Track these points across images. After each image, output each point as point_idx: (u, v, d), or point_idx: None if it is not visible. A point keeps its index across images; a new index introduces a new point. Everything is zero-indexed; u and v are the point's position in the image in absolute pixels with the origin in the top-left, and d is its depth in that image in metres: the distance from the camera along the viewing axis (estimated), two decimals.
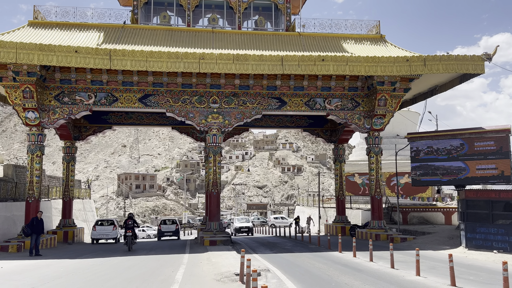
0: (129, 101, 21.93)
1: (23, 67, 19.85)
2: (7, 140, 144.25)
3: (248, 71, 20.89)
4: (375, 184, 23.35)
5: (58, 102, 21.43)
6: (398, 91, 22.98)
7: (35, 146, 21.05)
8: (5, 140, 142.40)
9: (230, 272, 11.39)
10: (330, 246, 19.06)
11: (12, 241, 19.24)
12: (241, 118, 22.65)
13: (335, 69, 21.26)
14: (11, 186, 24.13)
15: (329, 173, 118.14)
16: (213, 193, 22.32)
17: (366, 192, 35.35)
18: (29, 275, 11.94)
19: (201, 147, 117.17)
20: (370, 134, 23.59)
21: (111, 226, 26.64)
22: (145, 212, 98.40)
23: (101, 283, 10.56)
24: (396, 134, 38.43)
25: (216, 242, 20.47)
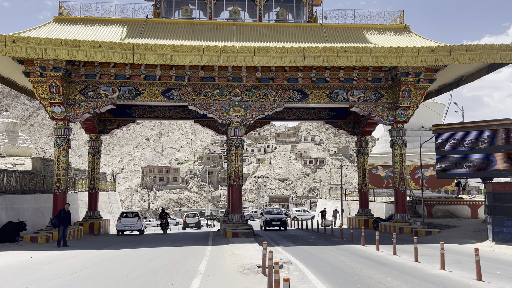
0: (152, 95, 22.18)
1: (49, 62, 20.27)
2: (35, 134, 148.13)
3: (269, 63, 20.81)
4: (399, 176, 23.04)
5: (83, 96, 21.83)
6: (422, 82, 22.54)
7: (61, 139, 21.54)
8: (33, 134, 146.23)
9: (253, 264, 11.45)
10: (352, 239, 18.95)
11: (41, 232, 19.81)
12: (263, 111, 22.63)
13: (358, 60, 20.98)
14: (39, 178, 24.79)
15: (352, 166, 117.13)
16: (235, 186, 22.43)
17: (389, 185, 34.91)
18: (57, 265, 12.29)
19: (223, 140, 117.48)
20: (394, 126, 23.25)
21: (135, 218, 27.10)
22: (168, 204, 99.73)
23: (126, 273, 10.78)
24: (421, 126, 37.76)
25: (238, 234, 20.60)
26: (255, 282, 9.45)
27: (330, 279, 9.95)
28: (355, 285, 9.27)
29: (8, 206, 19.87)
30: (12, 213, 19.91)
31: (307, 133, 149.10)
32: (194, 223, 37.85)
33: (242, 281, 9.66)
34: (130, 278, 9.98)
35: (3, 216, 19.13)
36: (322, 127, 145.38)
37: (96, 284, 9.41)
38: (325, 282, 9.47)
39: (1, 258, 14.02)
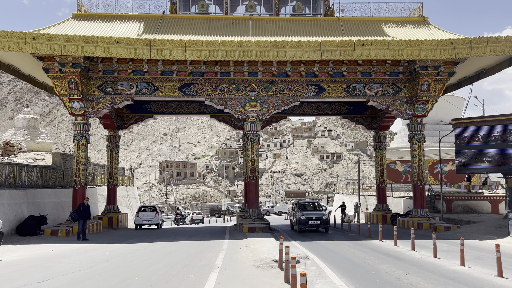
0: (169, 90, 22.31)
1: (68, 59, 20.54)
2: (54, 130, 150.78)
3: (285, 58, 20.71)
4: (417, 171, 22.76)
5: (102, 92, 22.09)
6: (442, 76, 22.16)
7: (80, 135, 21.85)
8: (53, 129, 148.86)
9: (269, 259, 11.46)
10: (370, 235, 18.82)
11: (61, 226, 20.17)
12: (279, 105, 22.56)
13: (376, 53, 20.72)
14: (59, 173, 25.23)
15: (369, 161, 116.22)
16: (251, 181, 22.46)
17: (408, 180, 34.55)
18: (77, 258, 12.50)
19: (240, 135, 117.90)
20: (412, 120, 22.94)
21: (153, 212, 27.39)
22: (186, 198, 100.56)
23: (144, 267, 10.91)
24: (440, 120, 37.19)
25: (255, 229, 20.65)
26: (271, 277, 9.46)
27: (347, 274, 9.90)
28: (372, 280, 9.21)
29: (30, 200, 20.29)
30: (33, 207, 20.33)
31: (323, 128, 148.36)
32: (199, 219, 47.45)
33: (259, 275, 9.68)
34: (149, 272, 10.10)
35: (25, 210, 19.54)
36: (339, 121, 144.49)
37: (115, 277, 9.55)
38: (342, 278, 9.43)
39: (23, 251, 14.35)
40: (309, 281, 8.57)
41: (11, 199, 18.69)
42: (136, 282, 8.92)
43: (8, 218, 17.98)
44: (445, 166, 33.27)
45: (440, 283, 8.88)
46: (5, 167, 19.74)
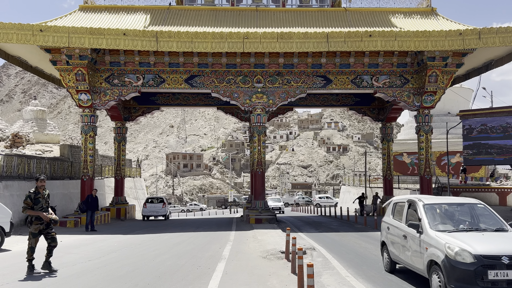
0: (175, 82, 22.32)
1: (75, 51, 20.60)
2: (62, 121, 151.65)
3: (292, 49, 20.61)
4: (424, 163, 22.67)
5: (109, 84, 22.15)
6: (450, 67, 21.97)
7: (88, 126, 21.97)
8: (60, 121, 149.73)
9: (276, 250, 11.52)
10: (376, 226, 18.82)
11: (70, 217, 20.38)
12: (285, 97, 22.51)
13: (383, 44, 20.58)
14: (67, 165, 25.42)
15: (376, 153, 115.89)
16: (258, 172, 22.50)
17: (415, 172, 34.44)
18: (86, 249, 12.64)
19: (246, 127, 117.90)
20: (420, 112, 22.81)
21: (160, 203, 27.54)
22: (192, 190, 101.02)
23: (152, 257, 11.00)
24: (448, 112, 36.96)
25: (261, 220, 20.73)
26: (278, 268, 9.51)
27: (353, 265, 9.93)
28: (379, 271, 9.23)
29: None
30: None
31: (330, 120, 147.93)
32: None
33: (265, 266, 9.74)
34: (156, 262, 10.19)
35: None
36: (345, 113, 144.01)
37: (124, 267, 9.65)
38: (348, 269, 9.46)
39: None
40: (316, 272, 8.61)
41: (20, 191, 18.88)
42: (144, 272, 9.00)
43: (18, 209, 18.17)
44: (453, 158, 33.11)
45: None
46: (14, 158, 19.92)
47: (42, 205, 8.47)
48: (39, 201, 8.45)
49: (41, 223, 8.46)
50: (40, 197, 8.48)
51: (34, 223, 8.44)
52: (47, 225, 8.57)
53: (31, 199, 8.39)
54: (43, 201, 8.51)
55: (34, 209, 8.42)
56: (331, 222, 23.74)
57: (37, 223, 8.44)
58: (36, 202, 8.42)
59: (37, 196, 8.46)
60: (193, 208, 64.56)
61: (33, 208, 8.42)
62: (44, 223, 8.49)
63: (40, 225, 8.46)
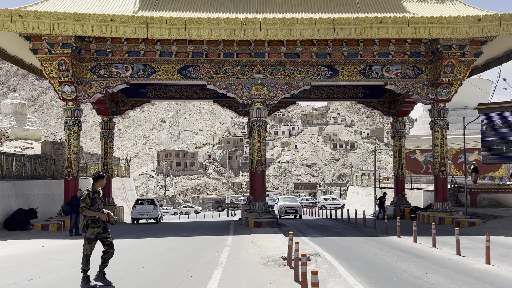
0: (167, 73, 22.30)
1: (58, 38, 20.55)
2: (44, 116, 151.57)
3: (295, 37, 20.59)
4: (439, 161, 22.69)
5: (94, 75, 22.12)
6: (467, 56, 21.96)
7: (72, 121, 21.95)
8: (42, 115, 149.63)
9: (277, 256, 11.54)
10: (387, 230, 18.86)
11: (52, 220, 20.40)
12: (288, 89, 22.50)
13: (395, 32, 20.56)
14: (50, 163, 25.43)
15: (387, 150, 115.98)
16: (257, 172, 22.51)
17: (429, 171, 34.46)
18: (69, 255, 12.65)
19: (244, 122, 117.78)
20: (434, 105, 22.81)
21: (151, 205, 27.56)
22: (186, 191, 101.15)
23: (142, 264, 11.02)
24: (465, 105, 36.96)
25: (261, 223, 20.76)
26: (280, 275, 9.53)
27: (362, 272, 9.95)
28: (390, 279, 9.25)
29: (18, 193, 20.49)
30: (22, 199, 20.54)
31: (336, 114, 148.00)
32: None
33: (266, 273, 9.76)
34: (147, 269, 10.20)
35: (13, 203, 19.75)
36: (353, 107, 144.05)
37: (111, 275, 9.64)
38: (356, 276, 9.48)
39: (13, 246, 14.54)
40: (320, 280, 8.62)
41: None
42: (134, 280, 9.02)
43: None
44: (470, 156, 33.13)
45: (464, 282, 8.91)
46: None
47: (98, 206, 8.24)
48: (96, 201, 8.23)
49: (98, 226, 8.17)
50: (97, 197, 8.26)
51: (91, 226, 8.13)
52: (104, 229, 8.29)
53: (90, 198, 8.15)
54: (99, 201, 8.31)
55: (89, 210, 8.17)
56: (338, 225, 23.77)
57: (94, 226, 8.14)
58: (93, 202, 8.18)
59: (95, 196, 8.23)
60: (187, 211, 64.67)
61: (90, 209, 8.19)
62: (101, 226, 8.23)
63: (97, 228, 8.16)
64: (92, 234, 8.16)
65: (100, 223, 8.21)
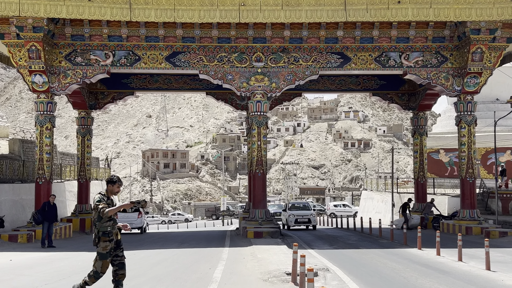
0: (154, 61, 22.29)
1: (28, 21, 20.52)
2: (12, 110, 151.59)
3: (301, 19, 20.59)
4: (466, 163, 22.71)
5: (70, 63, 22.11)
6: (499, 42, 21.96)
7: (44, 116, 21.95)
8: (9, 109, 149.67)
9: (280, 271, 11.55)
10: (406, 242, 18.87)
11: (21, 230, 20.39)
12: (292, 79, 22.52)
13: (415, 13, 20.56)
14: (18, 164, 25.43)
15: (406, 149, 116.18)
16: (257, 174, 22.52)
17: (454, 174, 34.49)
18: (41, 270, 12.65)
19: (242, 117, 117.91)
20: (460, 98, 22.83)
21: (135, 213, 27.55)
22: (175, 196, 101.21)
23: (125, 281, 10.99)
24: (496, 98, 36.96)
25: (262, 234, 20.77)
26: None
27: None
28: None
29: None
30: None
31: (348, 108, 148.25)
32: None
33: None
34: (130, 287, 10.20)
35: None
36: (367, 100, 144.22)
37: None
38: None
39: None
40: None
41: None
42: None
43: None
44: (502, 156, 33.15)
45: None
46: None
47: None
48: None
49: (111, 239, 7.81)
50: (110, 204, 7.97)
51: (102, 240, 7.76)
52: (117, 243, 7.95)
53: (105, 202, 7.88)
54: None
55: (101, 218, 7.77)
56: (349, 236, 23.80)
57: (106, 240, 7.75)
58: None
59: (109, 202, 7.95)
60: (176, 219, 64.75)
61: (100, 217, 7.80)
62: (114, 240, 7.88)
63: (109, 242, 7.78)
64: (104, 249, 7.77)
65: (113, 236, 7.87)
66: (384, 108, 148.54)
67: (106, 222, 7.80)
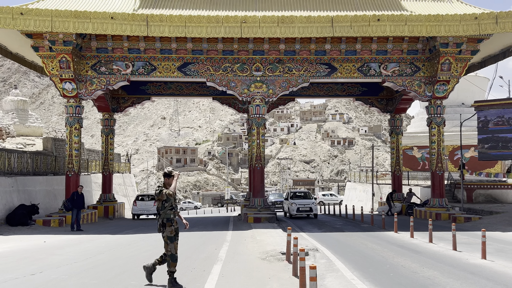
0: (167, 70, 22.27)
1: (59, 36, 20.51)
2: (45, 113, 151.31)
3: (294, 34, 20.57)
4: (436, 158, 22.72)
5: (95, 72, 22.08)
6: (464, 54, 21.95)
7: (73, 118, 21.93)
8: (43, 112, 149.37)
9: (276, 251, 11.56)
10: (384, 226, 18.88)
11: (54, 216, 20.40)
12: (287, 86, 22.49)
13: (392, 29, 20.54)
14: (51, 159, 25.41)
15: (384, 147, 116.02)
16: (256, 168, 22.52)
17: (426, 167, 34.51)
18: (71, 250, 12.66)
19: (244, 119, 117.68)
20: (431, 102, 22.82)
21: (152, 201, 27.53)
22: (186, 187, 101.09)
23: (143, 259, 11.01)
24: (461, 103, 36.93)
25: (260, 219, 20.79)
26: (279, 270, 9.54)
27: (359, 267, 9.97)
28: (387, 274, 9.27)
29: (20, 189, 20.48)
30: (24, 195, 20.53)
31: (335, 111, 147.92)
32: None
33: (265, 268, 9.77)
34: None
35: (15, 199, 19.74)
36: (351, 104, 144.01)
37: (112, 269, 9.67)
38: (354, 271, 9.50)
39: (15, 242, 14.54)
40: (319, 275, 8.63)
41: (0, 187, 18.87)
42: (135, 275, 9.02)
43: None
44: (466, 153, 33.16)
45: (460, 277, 8.93)
46: None
47: (171, 203, 7.71)
48: (170, 199, 7.75)
49: (173, 225, 7.69)
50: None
51: (168, 225, 7.65)
52: (176, 231, 7.78)
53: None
54: (172, 199, 7.75)
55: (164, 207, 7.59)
56: (336, 221, 23.80)
57: (170, 225, 7.65)
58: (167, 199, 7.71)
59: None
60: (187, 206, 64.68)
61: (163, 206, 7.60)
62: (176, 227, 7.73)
63: (173, 226, 7.68)
64: (171, 233, 7.68)
65: (175, 223, 7.72)
66: (366, 111, 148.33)
67: (169, 210, 7.66)
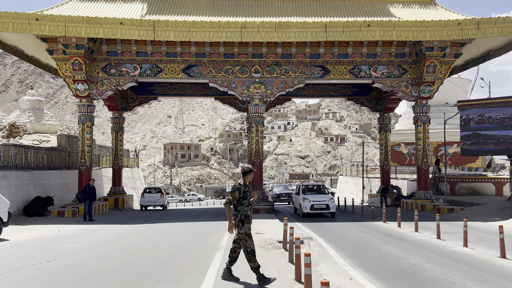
0: (173, 72, 22.24)
1: (72, 40, 20.46)
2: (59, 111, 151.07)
3: (290, 39, 20.55)
4: (421, 153, 22.75)
5: (106, 74, 22.05)
6: (448, 57, 21.95)
7: (85, 116, 21.91)
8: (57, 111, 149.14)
9: (273, 240, 11.58)
10: (373, 216, 18.92)
11: (68, 207, 20.40)
12: (283, 87, 22.48)
13: (382, 34, 20.52)
14: (65, 155, 25.39)
15: (374, 143, 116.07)
16: (255, 163, 22.53)
17: (412, 162, 34.57)
18: (84, 239, 12.67)
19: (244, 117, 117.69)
20: (417, 102, 22.83)
21: (158, 193, 27.58)
22: (190, 180, 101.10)
23: (150, 247, 11.05)
24: (445, 102, 36.95)
25: (259, 210, 20.82)
26: (276, 257, 9.57)
27: (350, 255, 9.99)
28: (376, 261, 9.29)
29: (36, 182, 20.48)
30: (39, 188, 20.53)
31: (328, 110, 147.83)
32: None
33: (263, 255, 9.79)
34: (155, 252, 10.23)
35: (32, 191, 19.74)
36: (343, 103, 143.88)
37: (122, 256, 9.69)
38: (346, 258, 9.52)
39: (31, 231, 14.55)
40: (313, 261, 8.67)
41: (18, 181, 18.87)
42: (142, 261, 9.04)
43: (15, 199, 18.19)
44: (450, 148, 33.21)
45: (443, 263, 8.96)
46: (11, 148, 19.88)
47: (248, 200, 7.32)
48: (247, 195, 7.32)
49: (250, 220, 7.31)
50: (248, 191, 7.34)
51: (246, 222, 7.23)
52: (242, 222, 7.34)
53: (240, 192, 7.22)
54: (249, 195, 7.36)
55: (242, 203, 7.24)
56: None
57: (248, 222, 7.25)
58: (245, 196, 7.30)
59: (246, 190, 7.31)
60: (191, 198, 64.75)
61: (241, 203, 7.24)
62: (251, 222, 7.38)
63: (249, 223, 7.28)
64: (249, 230, 7.31)
65: (250, 220, 7.34)
66: (357, 110, 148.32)
67: (246, 207, 7.32)
